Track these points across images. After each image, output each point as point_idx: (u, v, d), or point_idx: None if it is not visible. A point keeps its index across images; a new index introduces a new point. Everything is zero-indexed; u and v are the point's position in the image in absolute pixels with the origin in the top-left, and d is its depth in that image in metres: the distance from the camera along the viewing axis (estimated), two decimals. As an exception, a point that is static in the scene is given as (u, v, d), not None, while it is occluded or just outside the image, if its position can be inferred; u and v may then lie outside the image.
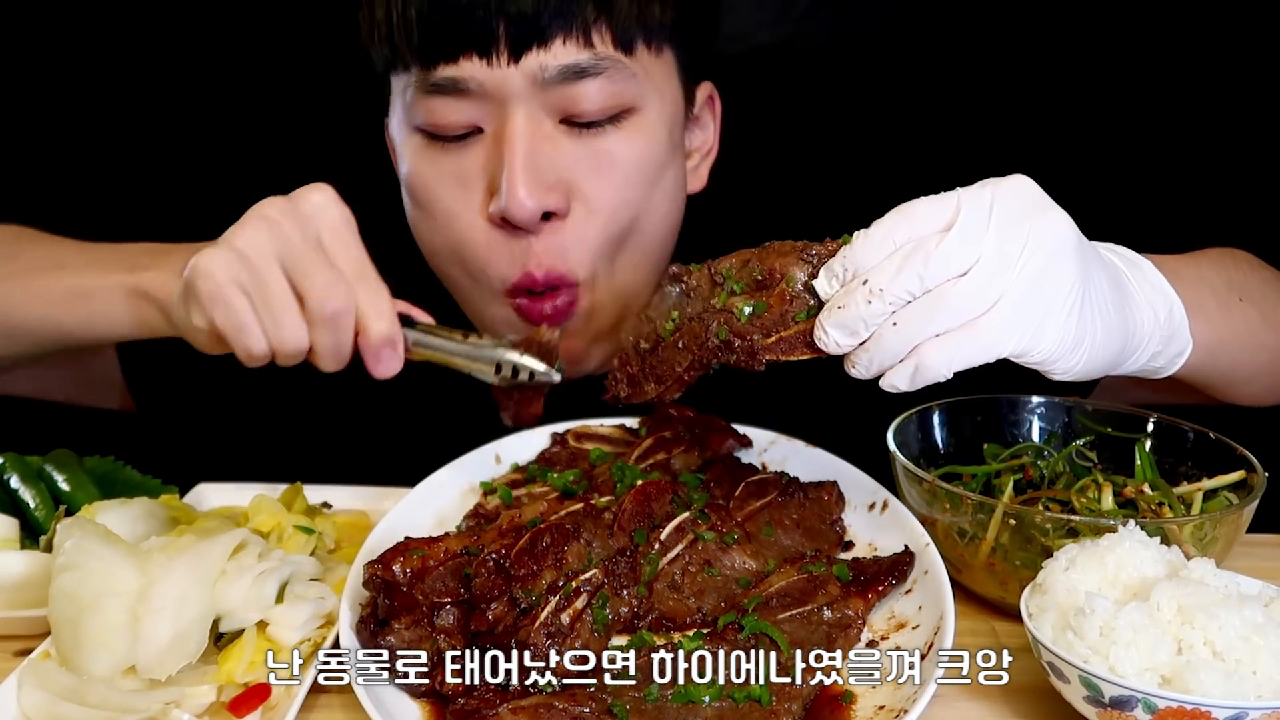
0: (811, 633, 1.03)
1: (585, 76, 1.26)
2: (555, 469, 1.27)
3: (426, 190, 1.35)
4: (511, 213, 1.26)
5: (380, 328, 1.08)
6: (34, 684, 1.00)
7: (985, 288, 0.93)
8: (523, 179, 1.25)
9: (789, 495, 1.23)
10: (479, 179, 1.31)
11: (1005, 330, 0.94)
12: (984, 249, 0.93)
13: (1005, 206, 0.95)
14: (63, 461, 1.34)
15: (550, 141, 1.29)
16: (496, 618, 1.01)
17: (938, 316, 0.94)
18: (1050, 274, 0.95)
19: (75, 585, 1.02)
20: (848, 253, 0.98)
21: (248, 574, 1.06)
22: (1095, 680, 0.90)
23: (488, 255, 1.33)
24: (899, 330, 0.95)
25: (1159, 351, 1.11)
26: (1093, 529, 1.09)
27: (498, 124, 1.28)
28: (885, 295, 0.95)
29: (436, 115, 1.29)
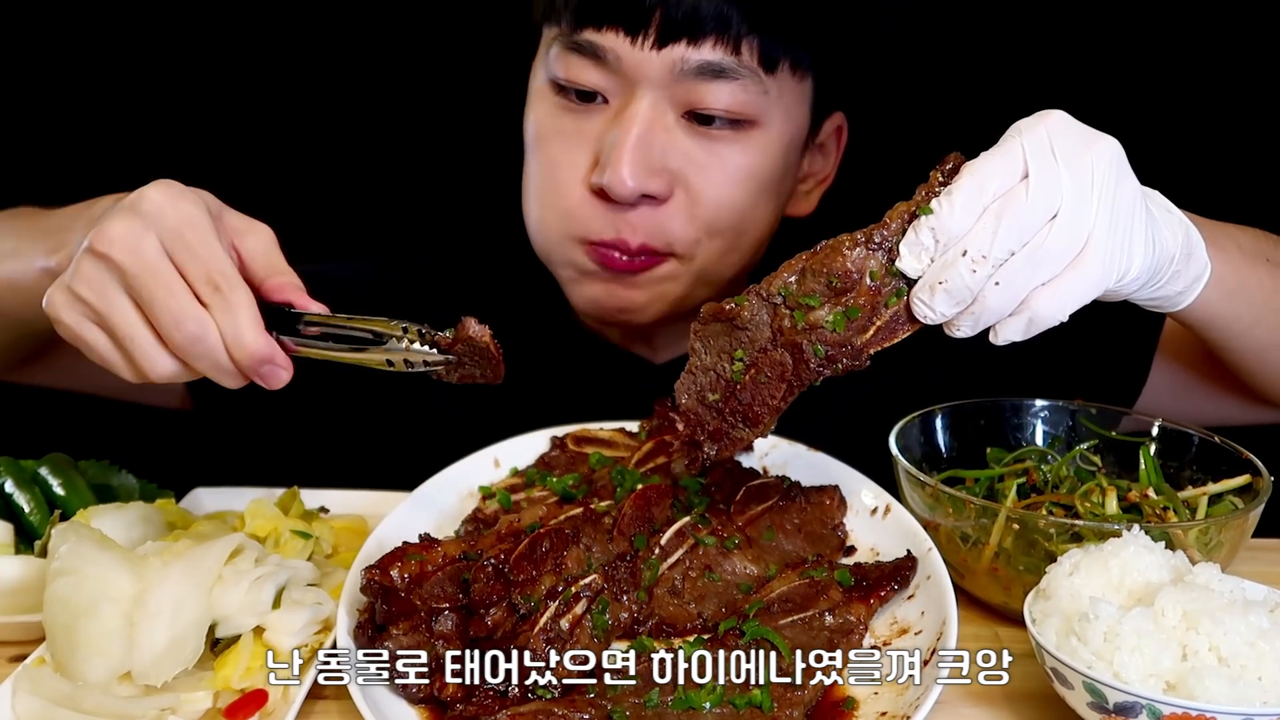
0: (813, 638, 1.03)
1: (720, 78, 1.32)
2: (554, 473, 1.27)
3: (542, 140, 1.43)
4: (612, 188, 1.32)
5: (245, 350, 1.00)
6: (29, 690, 0.99)
7: (1076, 226, 0.93)
8: (629, 159, 1.31)
9: (790, 500, 1.22)
10: (590, 145, 1.38)
11: (1105, 261, 0.95)
12: (1063, 189, 0.93)
13: (1064, 143, 0.94)
14: (58, 466, 1.33)
15: (667, 132, 1.35)
16: (495, 623, 1.01)
17: (1039, 266, 0.93)
18: (1121, 200, 0.96)
19: (70, 590, 1.02)
20: (933, 223, 0.95)
21: (244, 579, 1.06)
22: (1099, 686, 0.89)
23: (578, 211, 1.39)
24: (1003, 289, 0.94)
25: (1178, 272, 1.08)
26: (1097, 534, 1.08)
27: (623, 100, 1.35)
28: (989, 260, 0.93)
29: (571, 71, 1.36)
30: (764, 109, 1.36)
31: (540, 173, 1.43)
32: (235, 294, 1.00)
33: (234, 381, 1.03)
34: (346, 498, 1.38)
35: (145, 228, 1.01)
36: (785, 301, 1.03)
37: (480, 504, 1.24)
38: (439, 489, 1.26)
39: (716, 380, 1.07)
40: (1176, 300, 1.12)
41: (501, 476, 1.30)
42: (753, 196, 1.41)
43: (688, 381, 1.07)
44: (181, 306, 0.99)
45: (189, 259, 1.00)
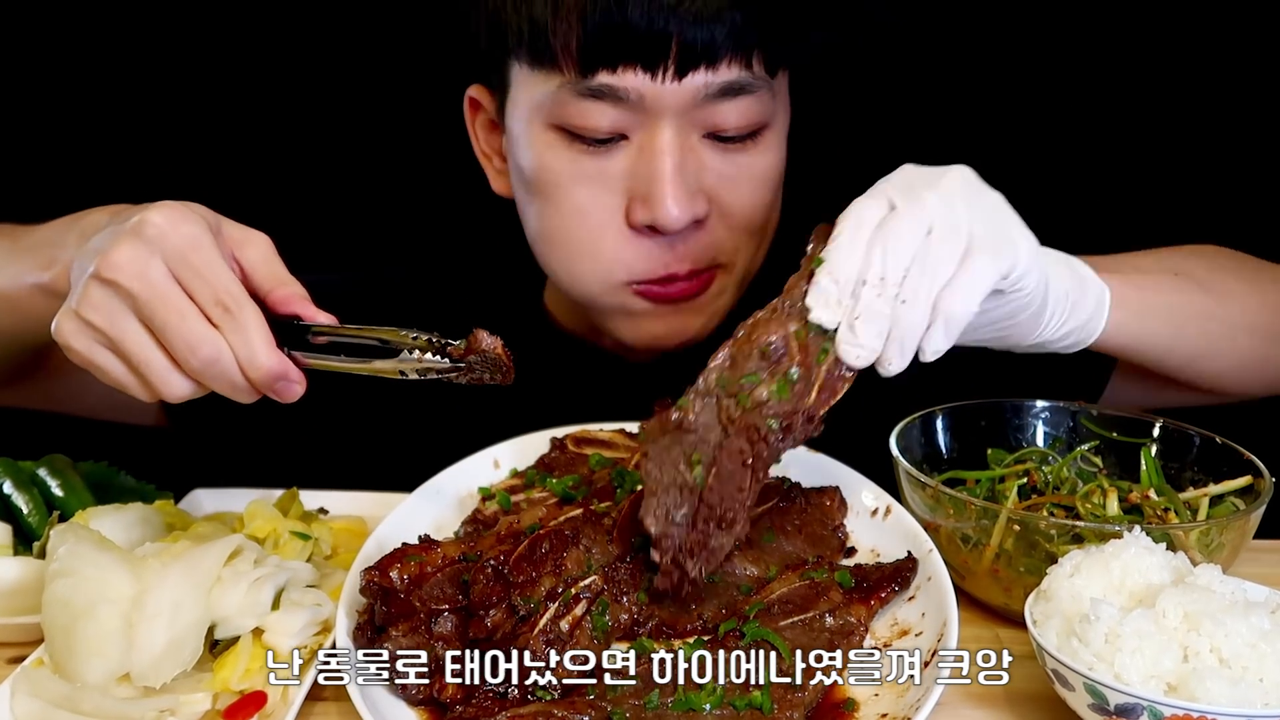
0: (814, 640, 1.02)
1: (740, 94, 1.32)
2: (554, 474, 1.27)
3: (559, 187, 1.38)
4: (663, 224, 1.31)
5: (259, 369, 1.02)
6: (27, 691, 0.99)
7: (953, 230, 0.98)
8: (673, 191, 1.30)
9: (790, 501, 1.22)
10: (620, 183, 1.35)
11: (991, 250, 0.99)
12: (930, 204, 0.99)
13: (919, 177, 1.02)
14: (56, 467, 1.33)
15: (694, 154, 1.34)
16: (495, 625, 1.00)
17: (932, 272, 0.98)
18: (984, 203, 1.02)
19: (69, 592, 1.01)
20: (829, 269, 1.00)
21: (243, 580, 1.06)
22: (1100, 688, 0.89)
23: (620, 255, 1.38)
24: (910, 304, 0.98)
25: (1077, 301, 1.13)
26: (1098, 535, 1.08)
27: (645, 134, 1.32)
28: (888, 281, 0.98)
29: (586, 118, 1.32)
30: (772, 110, 1.38)
31: (566, 223, 1.39)
32: (244, 313, 1.02)
33: (248, 397, 1.05)
34: (346, 499, 1.38)
35: (151, 253, 1.01)
36: (725, 390, 1.05)
37: (480, 505, 1.24)
38: (438, 490, 1.26)
39: (680, 494, 1.06)
40: (1090, 328, 1.17)
41: (501, 478, 1.30)
42: (774, 193, 1.44)
43: (651, 506, 1.05)
44: (194, 331, 1.01)
45: (197, 282, 1.02)
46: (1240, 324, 1.29)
